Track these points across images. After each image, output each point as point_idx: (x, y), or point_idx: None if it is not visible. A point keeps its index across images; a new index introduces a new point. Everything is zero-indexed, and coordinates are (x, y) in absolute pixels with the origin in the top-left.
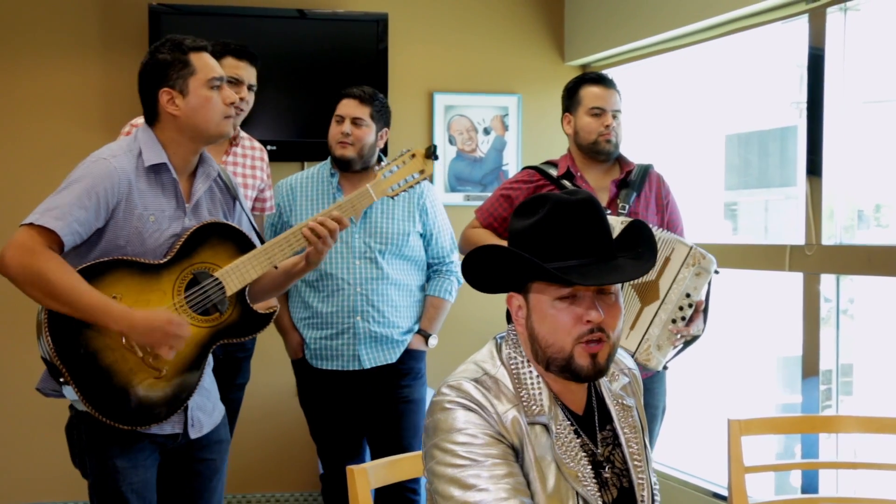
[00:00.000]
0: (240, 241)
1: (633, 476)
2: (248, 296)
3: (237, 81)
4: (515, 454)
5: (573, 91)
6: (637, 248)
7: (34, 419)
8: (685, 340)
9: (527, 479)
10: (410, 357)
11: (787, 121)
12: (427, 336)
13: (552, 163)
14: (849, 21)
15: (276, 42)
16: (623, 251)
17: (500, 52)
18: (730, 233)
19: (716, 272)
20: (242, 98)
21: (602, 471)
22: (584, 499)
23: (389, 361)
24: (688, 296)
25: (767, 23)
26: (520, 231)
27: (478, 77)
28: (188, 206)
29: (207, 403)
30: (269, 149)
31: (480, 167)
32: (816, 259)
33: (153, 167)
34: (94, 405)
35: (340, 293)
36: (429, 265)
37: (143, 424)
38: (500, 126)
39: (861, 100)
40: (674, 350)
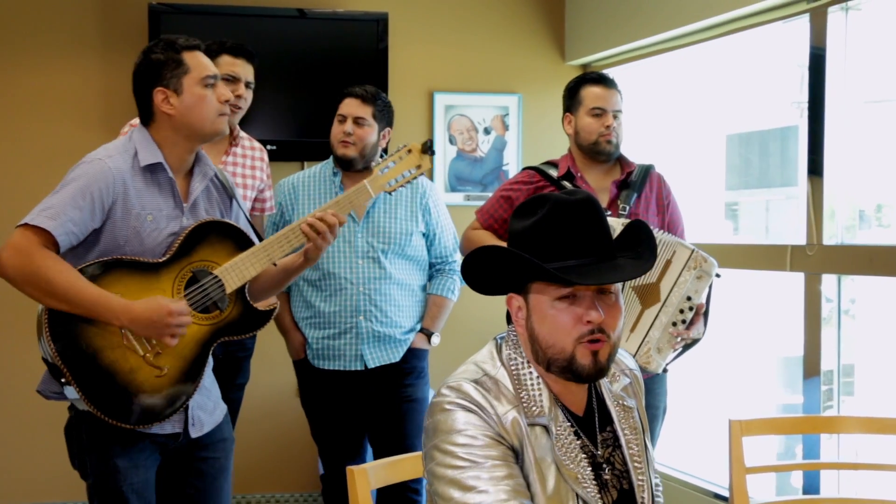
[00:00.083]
0: (238, 239)
1: (634, 478)
2: (248, 294)
3: (234, 79)
4: (515, 456)
5: (574, 91)
6: (637, 248)
7: (33, 420)
8: (685, 343)
9: (527, 481)
10: (413, 356)
11: (788, 120)
12: (430, 334)
13: (552, 163)
14: (850, 20)
15: (276, 41)
16: (623, 251)
17: (501, 52)
18: (731, 233)
19: (717, 276)
20: (240, 95)
21: (602, 472)
22: (584, 500)
23: (393, 361)
24: (689, 299)
25: (768, 22)
26: (519, 231)
27: (478, 77)
28: (186, 206)
29: (208, 402)
30: (269, 148)
31: (481, 167)
32: (818, 259)
33: (149, 167)
34: (96, 405)
35: (343, 292)
36: (431, 265)
37: (145, 423)
38: (501, 126)
39: (862, 99)
40: (674, 353)
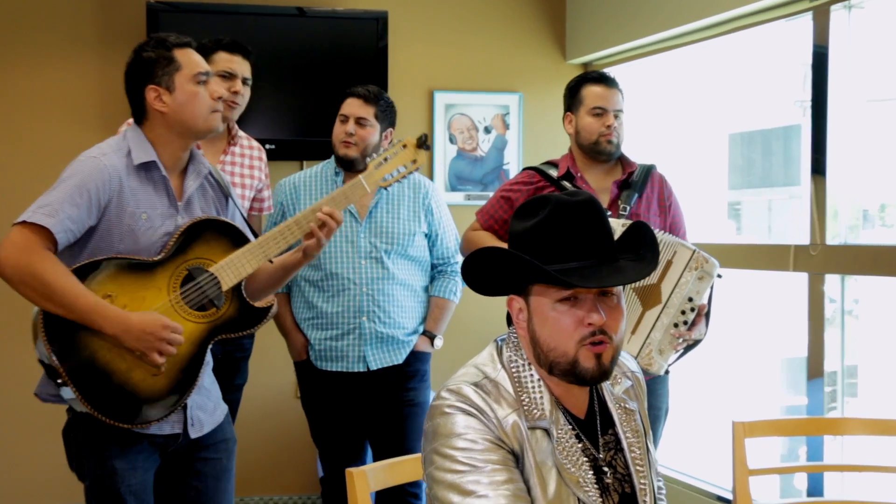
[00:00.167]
0: (234, 237)
1: (636, 481)
2: (247, 294)
3: (231, 75)
4: (516, 459)
5: (575, 90)
6: (639, 250)
7: (31, 423)
8: (687, 345)
9: (527, 485)
10: (416, 359)
11: (791, 119)
12: (433, 337)
13: (552, 163)
14: (853, 19)
15: (276, 40)
16: (625, 253)
17: (501, 50)
18: (733, 233)
19: (718, 276)
20: (237, 92)
21: (604, 476)
22: None
23: (396, 363)
24: (690, 300)
25: (771, 20)
26: (520, 233)
27: (478, 75)
28: (180, 204)
29: (208, 403)
30: (268, 148)
31: (481, 166)
32: (821, 259)
33: (143, 165)
34: (93, 404)
35: (346, 293)
36: (433, 266)
37: (143, 422)
38: (501, 125)
39: (865, 98)
40: (675, 354)
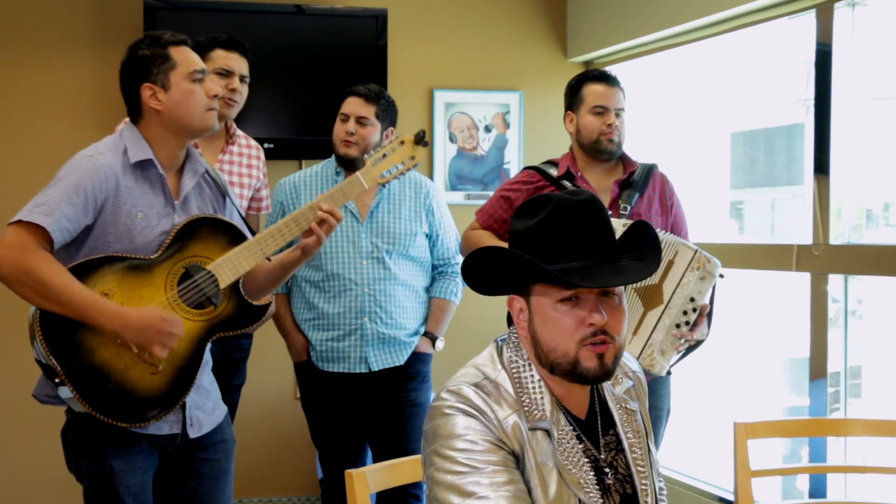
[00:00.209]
0: (231, 234)
1: (637, 482)
2: (247, 293)
3: (228, 73)
4: (516, 460)
5: (576, 89)
6: (640, 249)
7: (29, 424)
8: (689, 345)
9: (528, 486)
10: (417, 360)
11: (794, 118)
12: (434, 338)
13: (553, 162)
14: (857, 16)
15: (274, 38)
16: (626, 252)
17: (502, 49)
18: (736, 232)
19: (720, 276)
20: (234, 89)
21: (605, 477)
22: None
23: (397, 364)
24: (692, 300)
25: (774, 18)
26: (521, 232)
27: (479, 74)
28: (177, 203)
29: (207, 403)
30: (267, 147)
31: (481, 165)
32: (824, 259)
33: (139, 164)
34: (91, 403)
35: (348, 293)
36: (434, 266)
37: (142, 421)
38: (502, 124)
39: (869, 97)
40: (677, 355)
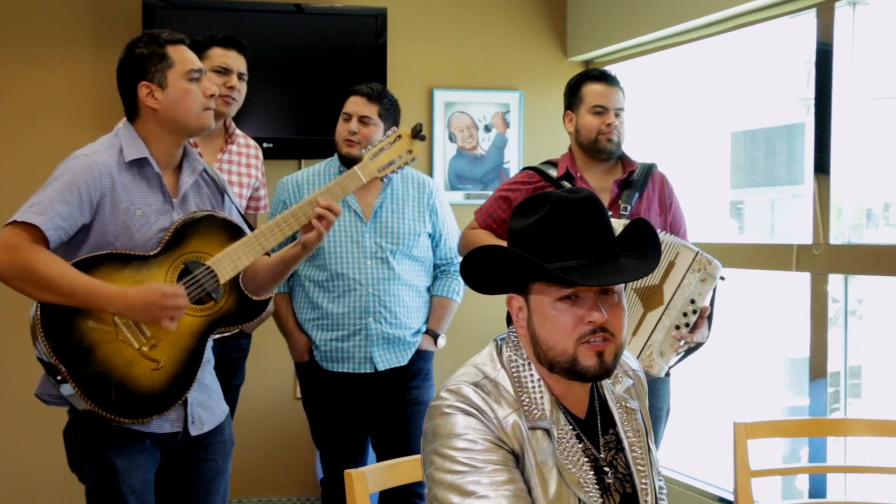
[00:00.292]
0: (230, 230)
1: (637, 481)
2: (249, 290)
3: (226, 70)
4: (516, 460)
5: (575, 88)
6: (640, 247)
7: (31, 424)
8: (688, 347)
9: (527, 486)
10: (420, 358)
11: (795, 118)
12: (436, 336)
13: (552, 162)
14: (857, 16)
15: (273, 37)
16: (626, 250)
17: (502, 48)
18: (736, 232)
19: (721, 279)
20: (232, 87)
21: (605, 476)
22: None
23: (402, 364)
24: (692, 302)
25: (774, 17)
26: (520, 230)
27: (478, 73)
28: (175, 201)
29: (210, 401)
30: (266, 146)
31: (481, 165)
32: (824, 259)
33: (135, 162)
34: (94, 400)
35: (352, 293)
36: (435, 266)
37: (144, 417)
38: (502, 123)
39: (870, 96)
40: (676, 357)
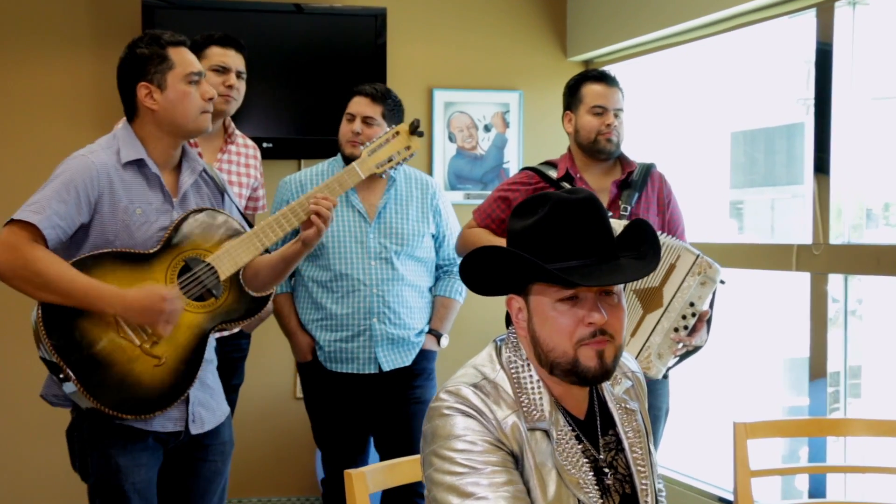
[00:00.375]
0: (229, 227)
1: (637, 482)
2: (252, 289)
3: (225, 69)
4: (515, 461)
5: (575, 88)
6: (640, 248)
7: (33, 425)
8: (687, 350)
9: (527, 487)
10: (423, 357)
11: (794, 118)
12: (439, 336)
13: (551, 163)
14: (857, 15)
15: (273, 37)
16: (625, 251)
17: (502, 48)
18: (735, 232)
19: (721, 282)
20: (231, 85)
21: (604, 477)
22: None
23: (406, 364)
24: (692, 305)
25: (774, 17)
26: (519, 231)
27: (478, 73)
28: (175, 200)
29: (211, 401)
30: (266, 146)
31: (481, 165)
32: (824, 259)
33: (132, 163)
34: (96, 397)
35: (356, 294)
36: (438, 266)
37: (146, 413)
38: (501, 123)
39: (870, 96)
40: (674, 359)
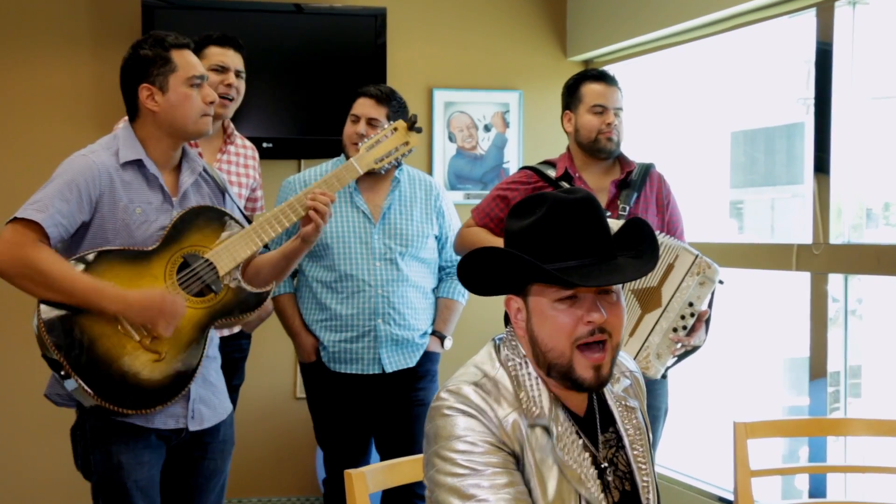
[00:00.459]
0: (228, 223)
1: (638, 479)
2: (253, 285)
3: (223, 69)
4: (516, 461)
5: (574, 88)
6: (638, 247)
7: (35, 425)
8: (685, 350)
9: (528, 485)
10: (427, 359)
11: (794, 117)
12: (443, 338)
13: (550, 163)
14: (857, 15)
15: (273, 37)
16: (623, 250)
17: (501, 48)
18: (735, 231)
19: (720, 282)
20: (230, 84)
21: (604, 473)
22: (588, 501)
23: (410, 365)
24: (690, 305)
25: (774, 17)
26: (517, 232)
27: (478, 73)
28: (175, 199)
29: (213, 399)
30: (266, 146)
31: (481, 165)
32: (824, 258)
33: (133, 162)
34: (97, 391)
35: (361, 294)
36: (441, 268)
37: (147, 408)
38: (501, 123)
39: (870, 96)
40: (673, 359)
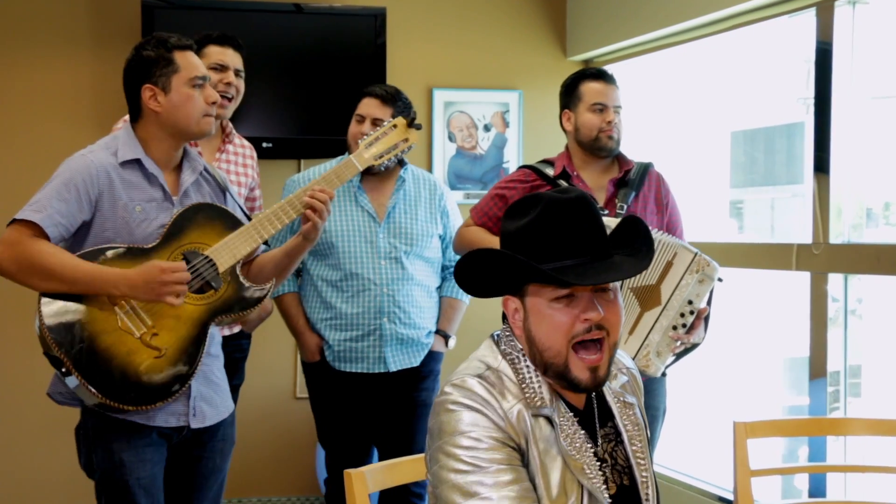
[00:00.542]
0: (227, 220)
1: (637, 473)
2: (256, 283)
3: (223, 68)
4: (521, 456)
5: (572, 87)
6: (633, 244)
7: (36, 425)
8: (685, 348)
9: (532, 477)
10: (431, 359)
11: (794, 117)
12: (447, 337)
13: (548, 161)
14: (857, 15)
15: (273, 37)
16: (619, 248)
17: (501, 47)
18: (735, 231)
19: (719, 280)
20: (229, 83)
21: (603, 467)
22: (590, 492)
23: (414, 365)
24: (690, 303)
25: (774, 17)
26: (512, 232)
27: (478, 72)
28: (175, 198)
29: (215, 397)
30: (265, 146)
31: (481, 165)
32: (824, 258)
33: (132, 161)
34: (98, 388)
35: (366, 293)
36: (444, 267)
37: (148, 404)
38: (501, 123)
39: (870, 95)
40: (672, 357)
